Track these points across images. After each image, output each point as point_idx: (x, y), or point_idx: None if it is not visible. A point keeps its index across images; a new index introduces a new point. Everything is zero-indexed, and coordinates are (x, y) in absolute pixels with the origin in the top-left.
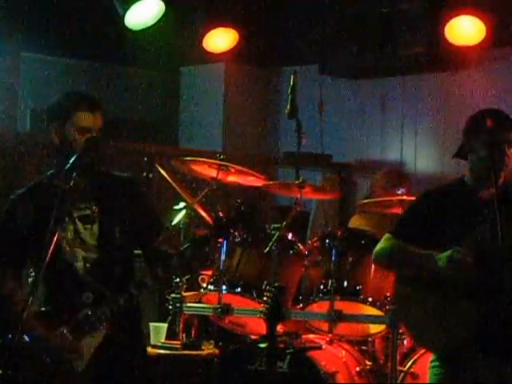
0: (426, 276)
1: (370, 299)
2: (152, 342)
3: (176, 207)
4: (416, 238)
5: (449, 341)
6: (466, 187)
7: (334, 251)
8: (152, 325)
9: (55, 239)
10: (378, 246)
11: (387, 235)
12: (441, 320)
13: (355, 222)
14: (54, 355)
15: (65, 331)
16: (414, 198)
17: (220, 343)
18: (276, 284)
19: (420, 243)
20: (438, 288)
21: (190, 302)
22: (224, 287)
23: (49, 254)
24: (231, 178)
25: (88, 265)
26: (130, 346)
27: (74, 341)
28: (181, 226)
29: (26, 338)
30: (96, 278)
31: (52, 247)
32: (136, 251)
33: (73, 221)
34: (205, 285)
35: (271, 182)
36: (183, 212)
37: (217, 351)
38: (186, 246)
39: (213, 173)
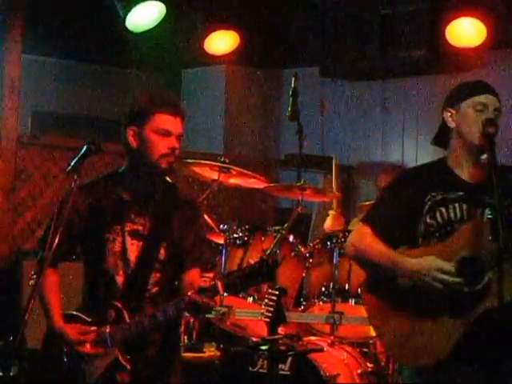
0: (398, 283)
1: None
2: None
3: None
4: (391, 225)
5: (429, 355)
6: (447, 168)
7: (335, 253)
8: None
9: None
10: (350, 239)
11: (360, 225)
12: (419, 332)
13: (355, 225)
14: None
15: (87, 342)
16: None
17: (221, 345)
18: (277, 286)
19: (396, 230)
20: (415, 296)
21: None
22: None
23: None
24: (232, 181)
25: (128, 279)
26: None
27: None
28: None
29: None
30: (131, 294)
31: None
32: None
33: (123, 233)
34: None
35: (272, 185)
36: None
37: (218, 353)
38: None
39: (214, 175)
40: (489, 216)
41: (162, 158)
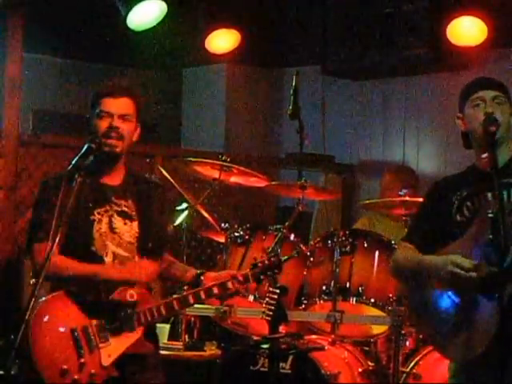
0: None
1: (373, 300)
2: None
3: (178, 208)
4: (429, 235)
5: (470, 349)
6: (477, 171)
7: (336, 252)
8: None
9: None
10: (393, 258)
11: (400, 242)
12: (460, 327)
13: (361, 225)
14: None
15: (103, 323)
16: (418, 199)
17: (222, 344)
18: (278, 285)
19: (433, 239)
20: (452, 292)
21: None
22: None
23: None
24: (233, 179)
25: (116, 261)
26: (151, 351)
27: (106, 335)
28: (183, 226)
29: None
30: None
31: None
32: None
33: (109, 215)
34: None
35: (273, 183)
36: (185, 213)
37: (219, 352)
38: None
39: (215, 174)
40: (489, 215)
41: (104, 140)
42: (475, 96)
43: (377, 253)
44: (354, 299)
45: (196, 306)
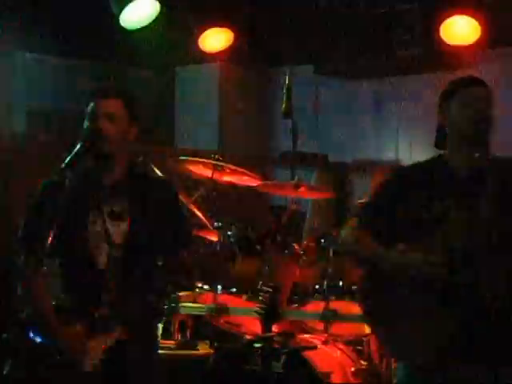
0: (391, 277)
1: None
2: None
3: None
4: (384, 221)
5: (426, 351)
6: (443, 163)
7: (329, 251)
8: None
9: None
10: (345, 237)
11: (352, 221)
12: (416, 328)
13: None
14: (62, 353)
15: (78, 329)
16: None
17: (215, 343)
18: (271, 284)
19: (389, 226)
20: (409, 293)
21: (184, 302)
22: (219, 287)
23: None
24: (226, 178)
25: (110, 262)
26: (143, 353)
27: (83, 340)
28: None
29: (35, 336)
30: (116, 277)
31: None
32: None
33: (102, 215)
34: (200, 285)
35: (266, 182)
36: None
37: (212, 351)
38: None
39: (208, 173)
40: (459, 222)
41: (91, 141)
42: (465, 95)
43: None
44: (347, 298)
45: (189, 304)
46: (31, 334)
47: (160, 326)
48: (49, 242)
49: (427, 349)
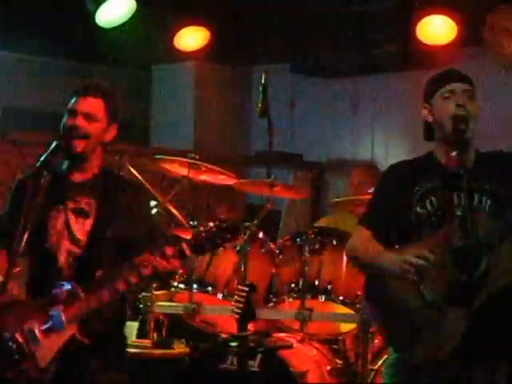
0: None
1: (341, 298)
2: None
3: None
4: (385, 221)
5: (435, 351)
6: (439, 164)
7: (305, 250)
8: None
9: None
10: (349, 241)
11: (358, 227)
12: (424, 329)
13: (323, 222)
14: (18, 350)
15: (33, 326)
16: None
17: (191, 342)
18: (247, 283)
19: (391, 226)
20: (415, 293)
21: (160, 301)
22: (195, 286)
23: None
24: (202, 177)
25: (70, 259)
26: (104, 350)
27: (36, 338)
28: None
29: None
30: (75, 274)
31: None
32: None
33: (65, 212)
34: (175, 283)
35: (242, 181)
36: (154, 210)
37: (187, 350)
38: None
39: (184, 171)
40: (458, 214)
41: (66, 139)
42: (447, 88)
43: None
44: (323, 297)
45: (164, 303)
46: None
47: (136, 325)
48: (22, 241)
49: (440, 348)
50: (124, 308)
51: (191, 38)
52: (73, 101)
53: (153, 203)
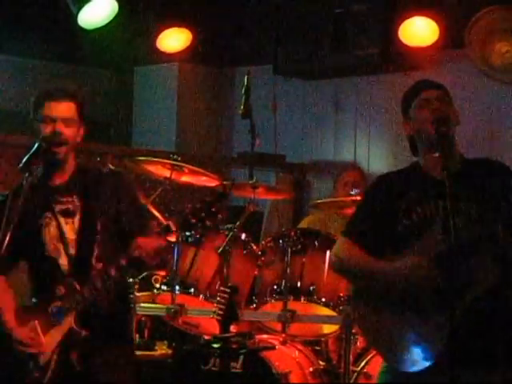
0: (386, 288)
1: (324, 299)
2: None
3: None
4: (372, 234)
5: (422, 356)
6: (425, 174)
7: (287, 251)
8: None
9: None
10: (333, 252)
11: (341, 238)
12: (410, 335)
13: (305, 223)
14: (18, 349)
15: (35, 325)
16: None
17: (173, 344)
18: (229, 284)
19: (377, 238)
20: (402, 299)
21: (143, 303)
22: (177, 287)
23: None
24: (185, 178)
25: (70, 260)
26: (109, 350)
27: (36, 335)
28: None
29: None
30: (77, 273)
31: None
32: None
33: (55, 216)
34: (158, 285)
35: (225, 183)
36: None
37: (170, 352)
38: None
39: (166, 173)
40: (440, 219)
41: (47, 146)
42: (420, 97)
43: (328, 253)
44: (305, 299)
45: (147, 305)
46: None
47: None
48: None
49: (425, 354)
50: (125, 306)
51: (174, 40)
52: (46, 106)
53: None
